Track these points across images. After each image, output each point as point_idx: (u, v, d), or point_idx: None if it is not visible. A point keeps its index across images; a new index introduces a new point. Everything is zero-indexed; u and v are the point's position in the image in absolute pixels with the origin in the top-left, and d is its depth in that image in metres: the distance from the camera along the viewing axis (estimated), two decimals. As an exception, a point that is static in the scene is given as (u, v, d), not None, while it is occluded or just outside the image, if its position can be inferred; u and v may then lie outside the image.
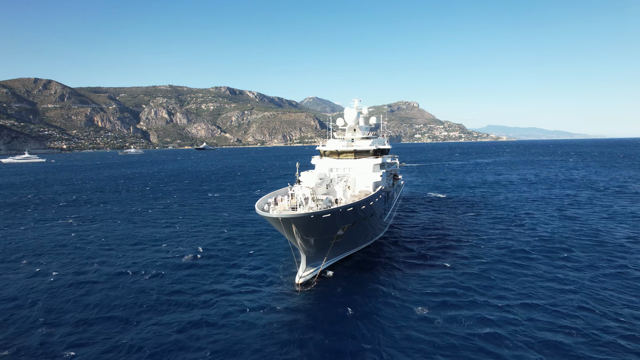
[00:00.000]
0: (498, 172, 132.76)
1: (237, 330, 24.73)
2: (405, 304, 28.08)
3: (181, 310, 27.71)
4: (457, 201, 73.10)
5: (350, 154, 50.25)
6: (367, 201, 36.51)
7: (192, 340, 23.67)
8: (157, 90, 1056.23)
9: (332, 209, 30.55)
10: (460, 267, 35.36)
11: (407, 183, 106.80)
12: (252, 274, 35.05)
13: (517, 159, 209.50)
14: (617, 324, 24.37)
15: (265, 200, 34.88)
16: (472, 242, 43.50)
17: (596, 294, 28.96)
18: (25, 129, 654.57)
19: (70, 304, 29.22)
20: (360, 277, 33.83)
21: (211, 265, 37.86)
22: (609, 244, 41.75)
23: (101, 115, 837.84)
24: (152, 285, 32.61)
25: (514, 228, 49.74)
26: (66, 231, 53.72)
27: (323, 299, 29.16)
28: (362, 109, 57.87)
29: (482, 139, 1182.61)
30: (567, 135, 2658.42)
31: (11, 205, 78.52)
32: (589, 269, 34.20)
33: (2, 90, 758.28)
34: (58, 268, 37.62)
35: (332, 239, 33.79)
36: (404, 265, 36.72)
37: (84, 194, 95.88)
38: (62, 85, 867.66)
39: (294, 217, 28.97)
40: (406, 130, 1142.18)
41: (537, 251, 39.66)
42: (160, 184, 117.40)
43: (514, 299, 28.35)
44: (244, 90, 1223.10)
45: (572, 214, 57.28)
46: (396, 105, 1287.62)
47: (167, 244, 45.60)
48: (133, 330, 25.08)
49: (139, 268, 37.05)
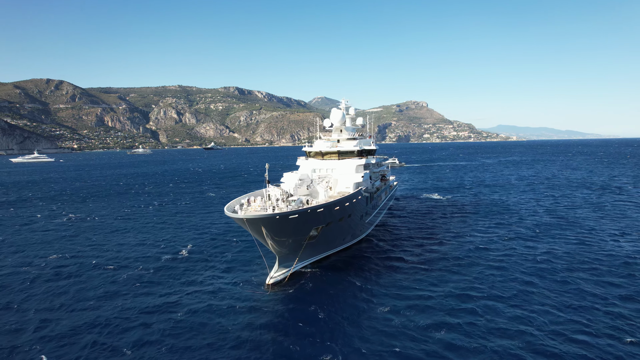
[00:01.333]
0: (498, 173, 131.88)
1: (199, 327, 25.26)
2: (372, 305, 28.32)
3: (149, 307, 28.30)
4: (450, 202, 72.88)
5: (334, 155, 50.50)
6: (342, 202, 36.60)
7: (154, 334, 24.26)
8: (167, 90, 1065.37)
9: (299, 209, 30.76)
10: (437, 270, 35.41)
11: (404, 183, 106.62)
12: (225, 273, 35.52)
13: (522, 159, 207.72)
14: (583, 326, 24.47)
15: (239, 201, 35.18)
16: (454, 244, 43.46)
17: (565, 302, 28.92)
18: (37, 129, 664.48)
19: (42, 294, 30.10)
20: (333, 278, 34.06)
21: (188, 263, 38.59)
22: (589, 246, 41.64)
23: (111, 115, 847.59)
24: (125, 280, 33.41)
25: (499, 231, 49.61)
26: (55, 227, 54.85)
27: (291, 299, 29.51)
28: (350, 110, 58.12)
29: (492, 138, 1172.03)
30: (579, 135, 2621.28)
31: (10, 203, 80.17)
32: (562, 271, 34.16)
33: (15, 91, 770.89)
34: (40, 259, 38.54)
35: (304, 240, 34.05)
36: (381, 266, 36.88)
37: (81, 192, 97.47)
38: (73, 85, 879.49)
39: (259, 218, 29.28)
40: (415, 130, 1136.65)
41: (517, 256, 39.62)
42: (160, 183, 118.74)
43: (481, 301, 28.47)
44: (252, 90, 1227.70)
45: (558, 215, 57.04)
46: (405, 105, 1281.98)
47: (151, 242, 46.55)
48: (98, 321, 25.79)
49: (117, 263, 37.93)
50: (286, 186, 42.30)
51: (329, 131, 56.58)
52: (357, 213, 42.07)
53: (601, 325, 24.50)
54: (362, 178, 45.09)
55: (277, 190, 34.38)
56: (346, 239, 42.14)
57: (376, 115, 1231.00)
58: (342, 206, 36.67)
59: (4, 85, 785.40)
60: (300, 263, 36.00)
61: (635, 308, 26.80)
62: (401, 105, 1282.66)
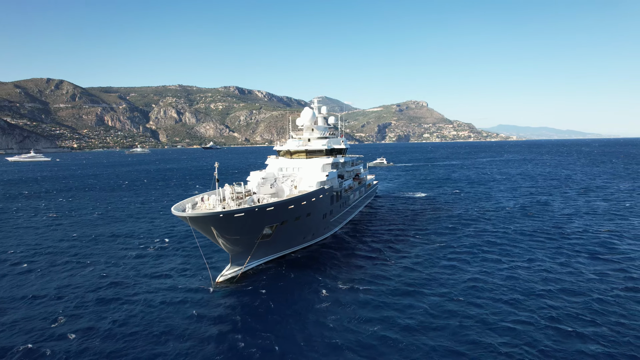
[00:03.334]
0: (485, 172, 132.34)
1: (145, 321, 26.13)
2: (320, 301, 28.89)
3: (91, 303, 29.16)
4: (429, 200, 73.69)
5: (303, 154, 51.21)
6: (298, 200, 37.17)
7: (103, 324, 25.16)
8: (167, 90, 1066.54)
9: (245, 208, 31.36)
10: (395, 267, 36.18)
11: (390, 182, 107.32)
12: (178, 271, 36.13)
13: (514, 158, 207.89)
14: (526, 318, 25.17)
15: (193, 200, 35.60)
16: (419, 242, 44.07)
17: (518, 301, 29.63)
18: (37, 128, 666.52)
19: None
20: (287, 276, 34.63)
21: (146, 259, 39.73)
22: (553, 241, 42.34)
23: (111, 115, 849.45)
24: (78, 277, 34.24)
25: (467, 229, 50.32)
26: (29, 224, 55.72)
27: (237, 296, 30.16)
28: (322, 109, 58.81)
29: (492, 138, 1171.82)
30: (579, 135, 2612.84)
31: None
32: (518, 270, 34.88)
33: (15, 90, 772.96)
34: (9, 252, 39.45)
35: (257, 238, 34.60)
36: (340, 264, 37.38)
37: (66, 191, 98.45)
38: (73, 85, 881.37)
39: (202, 216, 29.88)
40: (415, 129, 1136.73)
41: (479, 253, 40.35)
42: (149, 181, 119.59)
43: (428, 297, 29.21)
44: (252, 89, 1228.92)
45: (533, 213, 57.94)
46: (405, 105, 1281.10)
47: (117, 238, 47.59)
48: (52, 309, 26.70)
49: (74, 259, 38.83)
50: (250, 185, 43.01)
51: (301, 130, 57.25)
52: (319, 212, 42.62)
53: (536, 315, 25.27)
54: (326, 177, 45.62)
55: (229, 188, 34.97)
56: (307, 238, 42.66)
57: (376, 114, 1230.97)
58: (298, 205, 37.23)
59: (4, 85, 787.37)
60: (255, 261, 36.52)
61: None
62: (401, 104, 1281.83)
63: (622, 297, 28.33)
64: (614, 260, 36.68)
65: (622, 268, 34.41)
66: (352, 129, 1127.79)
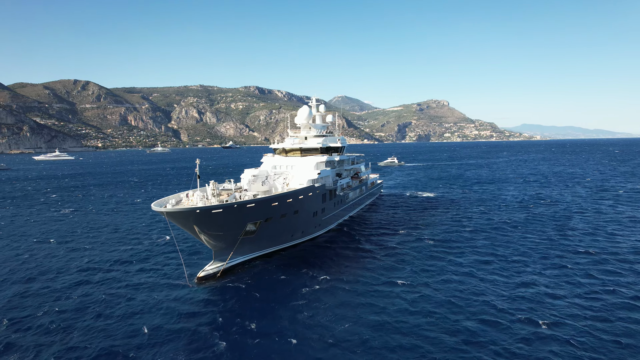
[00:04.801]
0: (498, 171, 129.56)
1: (116, 317, 26.70)
2: (299, 299, 28.77)
3: (72, 296, 29.95)
4: (434, 200, 72.72)
5: (297, 152, 51.30)
6: (283, 197, 37.14)
7: (81, 313, 25.91)
8: (189, 90, 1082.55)
9: (224, 204, 31.57)
10: (380, 268, 35.88)
11: (398, 182, 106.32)
12: (159, 266, 36.70)
13: (532, 157, 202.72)
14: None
15: (178, 196, 35.96)
16: (412, 241, 43.56)
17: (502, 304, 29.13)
18: (64, 128, 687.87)
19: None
20: (269, 273, 34.65)
21: (133, 252, 40.53)
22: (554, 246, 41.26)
23: (134, 115, 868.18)
24: (59, 268, 35.25)
25: (462, 229, 49.57)
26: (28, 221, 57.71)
27: (215, 292, 30.41)
28: (320, 107, 58.75)
29: (515, 138, 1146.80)
30: (608, 134, 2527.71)
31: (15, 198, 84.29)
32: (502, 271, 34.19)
33: (45, 91, 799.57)
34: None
35: (239, 235, 34.86)
36: (326, 263, 37.12)
37: (80, 188, 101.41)
38: (99, 86, 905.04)
39: (179, 212, 30.27)
40: (435, 129, 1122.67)
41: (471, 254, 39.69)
42: (159, 179, 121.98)
43: (411, 297, 28.97)
44: (272, 89, 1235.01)
45: (531, 212, 56.55)
46: (425, 104, 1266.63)
47: (104, 232, 48.73)
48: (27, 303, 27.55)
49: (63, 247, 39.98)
50: (242, 182, 43.47)
51: (298, 128, 57.35)
52: (308, 209, 42.48)
53: (510, 313, 24.75)
54: (318, 174, 45.58)
55: (211, 185, 35.32)
56: (296, 236, 42.58)
57: (396, 114, 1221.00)
58: (283, 202, 37.21)
59: (34, 87, 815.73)
60: (240, 258, 36.71)
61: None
62: (422, 104, 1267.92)
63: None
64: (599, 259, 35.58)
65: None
66: (371, 128, 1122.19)
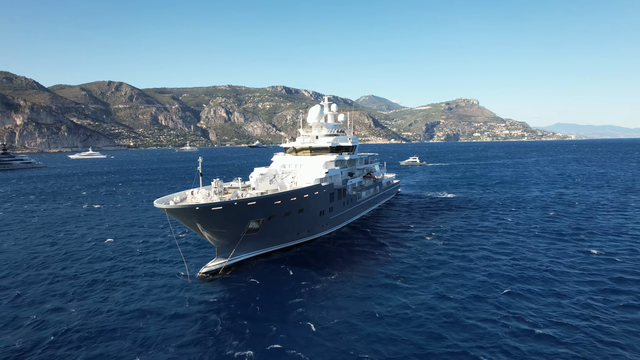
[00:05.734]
0: (524, 171, 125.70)
1: (115, 311, 27.43)
2: (295, 300, 28.55)
3: (74, 285, 31.07)
4: (451, 200, 71.42)
5: (307, 151, 51.40)
6: (287, 196, 37.08)
7: (83, 306, 26.91)
8: (217, 90, 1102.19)
9: (223, 202, 31.87)
10: (388, 266, 35.65)
11: (417, 182, 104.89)
12: (161, 263, 37.46)
13: (564, 157, 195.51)
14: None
15: (184, 194, 36.50)
16: (420, 244, 42.57)
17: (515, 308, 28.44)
18: (99, 127, 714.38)
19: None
20: (271, 270, 34.76)
21: (144, 244, 41.71)
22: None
23: (165, 115, 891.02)
24: (66, 261, 36.61)
25: (476, 231, 48.47)
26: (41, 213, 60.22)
27: (216, 289, 30.63)
28: (332, 107, 58.75)
29: (548, 137, 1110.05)
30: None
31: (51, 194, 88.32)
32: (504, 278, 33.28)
33: (81, 92, 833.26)
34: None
35: (241, 232, 35.18)
36: (332, 262, 36.85)
37: (107, 185, 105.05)
38: (131, 87, 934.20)
39: (179, 209, 30.80)
40: (464, 128, 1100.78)
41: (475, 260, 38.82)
42: (183, 176, 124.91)
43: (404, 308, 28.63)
44: (299, 89, 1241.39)
45: (553, 214, 54.84)
46: (454, 103, 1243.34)
47: (111, 226, 50.33)
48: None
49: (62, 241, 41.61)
50: (252, 180, 43.95)
51: (310, 127, 57.48)
52: (314, 208, 42.33)
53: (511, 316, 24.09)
54: (325, 173, 45.45)
55: (215, 183, 35.72)
56: (302, 234, 42.51)
57: (424, 113, 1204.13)
58: (286, 200, 37.19)
59: (72, 88, 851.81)
60: (243, 255, 37.01)
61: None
62: (450, 103, 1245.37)
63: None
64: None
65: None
66: (398, 127, 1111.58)
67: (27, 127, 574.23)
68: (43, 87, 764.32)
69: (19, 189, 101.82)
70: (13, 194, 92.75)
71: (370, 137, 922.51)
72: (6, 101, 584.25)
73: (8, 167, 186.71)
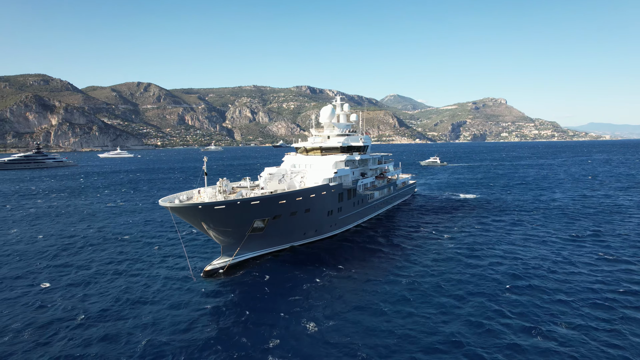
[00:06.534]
0: (549, 172, 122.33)
1: (118, 308, 28.53)
2: (294, 302, 28.70)
3: (76, 281, 32.53)
4: (467, 201, 70.39)
5: (318, 151, 51.79)
6: (292, 195, 37.48)
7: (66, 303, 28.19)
8: (242, 90, 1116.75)
9: (226, 201, 32.55)
10: (397, 266, 35.76)
11: (435, 183, 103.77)
12: (168, 258, 38.66)
13: (596, 158, 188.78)
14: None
15: (191, 193, 37.11)
16: (437, 243, 42.41)
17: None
18: (128, 127, 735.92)
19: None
20: (276, 270, 35.00)
21: (141, 243, 43.55)
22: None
23: (191, 115, 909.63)
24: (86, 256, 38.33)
25: (488, 233, 47.82)
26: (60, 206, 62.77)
27: (219, 287, 31.16)
28: (344, 106, 58.88)
29: (580, 137, 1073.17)
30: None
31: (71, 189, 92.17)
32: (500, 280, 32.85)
33: (112, 93, 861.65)
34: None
35: (246, 231, 35.82)
36: (337, 262, 36.90)
37: (129, 183, 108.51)
38: (159, 87, 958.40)
39: (182, 207, 31.64)
40: (492, 128, 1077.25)
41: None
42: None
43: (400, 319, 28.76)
44: (324, 89, 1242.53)
45: (570, 218, 53.52)
46: (481, 102, 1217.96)
47: (117, 223, 52.15)
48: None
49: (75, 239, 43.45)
50: (261, 180, 44.67)
51: (322, 127, 57.83)
52: (322, 208, 42.59)
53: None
54: (334, 173, 45.69)
55: (221, 182, 36.45)
56: (309, 234, 42.82)
57: (450, 112, 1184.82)
58: (292, 200, 37.58)
59: (103, 89, 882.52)
60: (249, 253, 37.53)
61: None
62: (477, 102, 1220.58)
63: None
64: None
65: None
66: (424, 127, 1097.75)
67: (62, 127, 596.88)
68: (77, 88, 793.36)
69: (50, 186, 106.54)
70: (46, 190, 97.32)
71: (395, 137, 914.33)
72: (43, 102, 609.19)
73: (41, 166, 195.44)
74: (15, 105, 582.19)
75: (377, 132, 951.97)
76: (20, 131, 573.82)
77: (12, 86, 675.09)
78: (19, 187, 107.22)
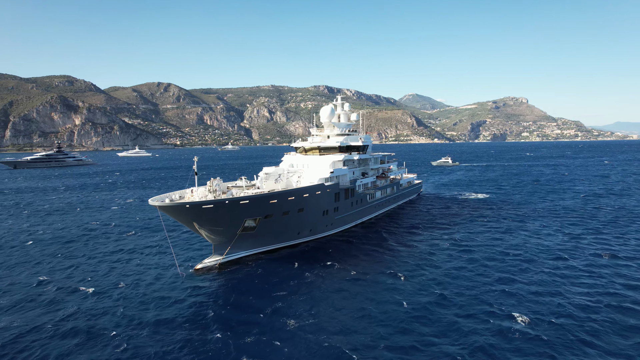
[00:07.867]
0: (566, 172, 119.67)
1: (106, 306, 29.41)
2: (281, 298, 29.14)
3: (70, 277, 33.67)
4: (475, 202, 69.78)
5: (316, 151, 52.09)
6: (283, 195, 37.68)
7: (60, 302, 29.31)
8: (260, 90, 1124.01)
9: (214, 200, 33.06)
10: (390, 266, 35.85)
11: (443, 183, 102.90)
12: (158, 256, 39.24)
13: (620, 158, 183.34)
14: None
15: (184, 192, 37.41)
16: (435, 244, 42.23)
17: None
18: (148, 127, 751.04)
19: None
20: (266, 269, 35.16)
21: (133, 241, 44.58)
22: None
23: (210, 114, 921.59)
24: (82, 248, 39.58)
25: (491, 234, 47.38)
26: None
27: (209, 284, 31.62)
28: (344, 106, 59.05)
29: (605, 137, 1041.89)
30: None
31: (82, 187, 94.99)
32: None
33: (133, 94, 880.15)
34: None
35: (237, 230, 36.31)
36: (330, 261, 36.90)
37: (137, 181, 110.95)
38: (179, 87, 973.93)
39: (170, 206, 32.24)
40: (512, 128, 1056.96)
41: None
42: (216, 174, 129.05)
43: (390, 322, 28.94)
44: (342, 88, 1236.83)
45: (576, 220, 52.65)
46: (502, 102, 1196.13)
47: (114, 219, 53.56)
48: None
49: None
50: (258, 179, 45.15)
51: (322, 127, 58.12)
52: (316, 207, 42.75)
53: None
54: (330, 173, 45.70)
55: (213, 182, 37.04)
56: (303, 233, 42.87)
57: (470, 112, 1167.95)
58: (283, 199, 37.74)
59: (124, 90, 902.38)
60: (239, 252, 37.85)
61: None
62: (497, 101, 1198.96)
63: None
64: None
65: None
66: (443, 127, 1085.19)
67: (85, 127, 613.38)
68: (99, 89, 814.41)
69: (68, 184, 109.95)
70: (62, 187, 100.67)
71: (413, 137, 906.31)
72: (67, 103, 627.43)
73: (62, 164, 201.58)
74: (41, 105, 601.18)
75: (395, 131, 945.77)
76: (46, 131, 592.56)
77: (39, 87, 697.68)
78: (33, 185, 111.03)
